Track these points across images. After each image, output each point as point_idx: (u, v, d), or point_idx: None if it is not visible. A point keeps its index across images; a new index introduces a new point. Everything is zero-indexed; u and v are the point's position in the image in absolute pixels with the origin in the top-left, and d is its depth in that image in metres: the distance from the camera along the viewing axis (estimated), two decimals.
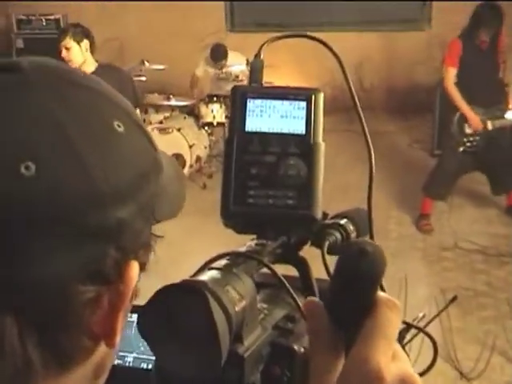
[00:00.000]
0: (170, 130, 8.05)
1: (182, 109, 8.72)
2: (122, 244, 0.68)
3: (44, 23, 9.82)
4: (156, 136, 7.83)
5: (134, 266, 0.70)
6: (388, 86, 10.68)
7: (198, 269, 0.84)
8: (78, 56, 5.75)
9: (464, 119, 6.88)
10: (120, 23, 10.03)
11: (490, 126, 6.85)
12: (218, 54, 8.70)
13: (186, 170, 8.15)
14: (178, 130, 8.10)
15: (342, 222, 1.02)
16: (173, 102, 8.67)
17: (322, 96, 0.95)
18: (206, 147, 8.52)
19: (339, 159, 7.95)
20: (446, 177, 7.02)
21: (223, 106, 8.47)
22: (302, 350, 0.85)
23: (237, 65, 8.62)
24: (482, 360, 4.53)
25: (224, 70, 8.86)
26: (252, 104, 0.94)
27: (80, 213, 0.64)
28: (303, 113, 0.94)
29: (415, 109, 9.83)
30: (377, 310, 0.64)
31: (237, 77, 8.66)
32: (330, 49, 1.02)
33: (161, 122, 8.31)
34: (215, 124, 8.53)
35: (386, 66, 10.54)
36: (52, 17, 9.87)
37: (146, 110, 8.34)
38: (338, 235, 1.00)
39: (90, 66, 5.79)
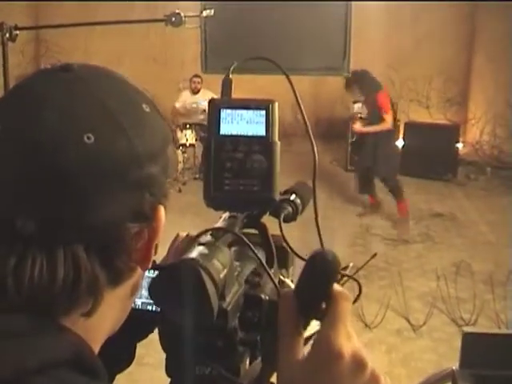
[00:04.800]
0: None
1: None
2: (153, 192, 0.69)
3: None
4: None
5: (162, 209, 0.72)
6: (315, 119, 10.75)
7: (188, 243, 0.83)
8: None
9: None
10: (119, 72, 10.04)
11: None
12: (196, 76, 8.95)
13: None
14: None
15: (292, 197, 1.01)
16: None
17: (276, 105, 0.92)
18: (180, 162, 8.48)
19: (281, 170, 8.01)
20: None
21: (193, 132, 8.50)
22: (267, 297, 0.85)
23: (205, 100, 8.73)
24: (380, 315, 4.59)
25: (196, 97, 8.95)
26: (224, 113, 0.90)
27: (126, 169, 0.66)
28: (263, 119, 0.91)
29: (334, 136, 9.91)
30: (335, 301, 0.66)
31: (204, 110, 8.71)
32: (282, 69, 1.00)
33: None
34: (187, 145, 8.54)
35: (314, 104, 10.62)
36: None
37: None
38: (290, 208, 0.99)
39: None
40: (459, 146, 9.31)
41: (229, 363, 0.82)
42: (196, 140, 8.53)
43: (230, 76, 1.00)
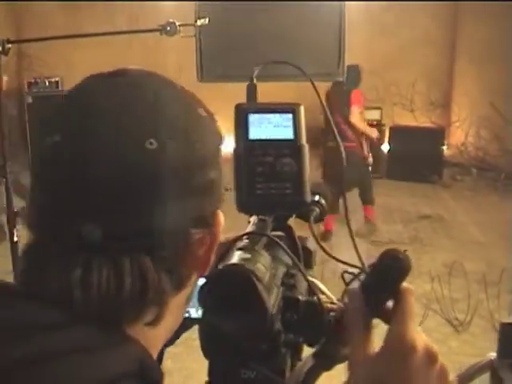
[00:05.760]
0: None
1: None
2: (213, 197, 0.69)
3: (47, 84, 9.59)
4: None
5: (221, 214, 0.72)
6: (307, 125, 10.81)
7: (226, 248, 0.82)
8: None
9: None
10: None
11: None
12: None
13: None
14: None
15: (316, 198, 1.02)
16: None
17: (302, 108, 0.94)
18: None
19: None
20: None
21: None
22: (304, 299, 0.86)
23: None
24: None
25: None
26: (252, 118, 0.91)
27: (189, 175, 0.65)
28: (290, 122, 0.92)
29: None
30: (404, 297, 0.69)
31: None
32: (305, 73, 1.02)
33: None
34: None
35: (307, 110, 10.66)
36: (53, 79, 9.64)
37: None
38: (318, 209, 1.01)
39: None
40: (443, 148, 9.40)
41: (274, 365, 0.83)
42: None
43: (255, 81, 1.01)
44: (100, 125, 0.62)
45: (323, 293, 0.91)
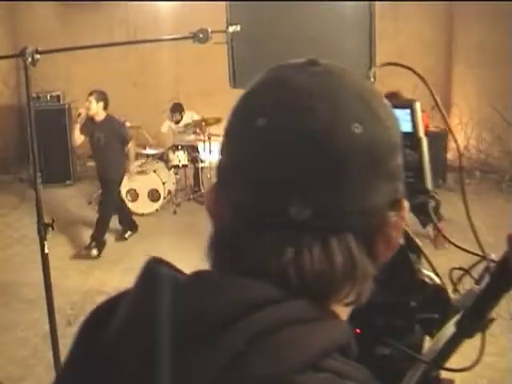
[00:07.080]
0: (148, 172, 7.98)
1: (154, 156, 8.65)
2: (401, 182, 0.71)
3: (48, 98, 9.65)
4: (137, 176, 7.81)
5: (405, 199, 0.72)
6: None
7: None
8: (94, 108, 6.71)
9: None
10: None
11: None
12: (176, 108, 8.78)
13: (161, 201, 8.08)
14: (154, 171, 8.03)
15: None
16: (148, 151, 8.64)
17: (419, 105, 0.98)
18: (174, 183, 8.43)
19: None
20: None
21: (186, 152, 8.40)
22: (431, 282, 0.90)
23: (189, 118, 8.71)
24: None
25: (181, 124, 8.79)
26: None
27: (387, 159, 0.67)
28: (409, 117, 0.97)
29: None
30: None
31: (195, 132, 8.65)
32: (417, 74, 1.06)
33: (140, 166, 8.11)
34: (180, 166, 8.45)
35: None
36: (54, 93, 9.73)
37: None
38: (434, 202, 1.05)
39: (101, 116, 6.80)
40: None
41: (409, 342, 0.86)
42: (189, 161, 8.49)
43: (372, 80, 1.05)
44: (311, 109, 0.64)
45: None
